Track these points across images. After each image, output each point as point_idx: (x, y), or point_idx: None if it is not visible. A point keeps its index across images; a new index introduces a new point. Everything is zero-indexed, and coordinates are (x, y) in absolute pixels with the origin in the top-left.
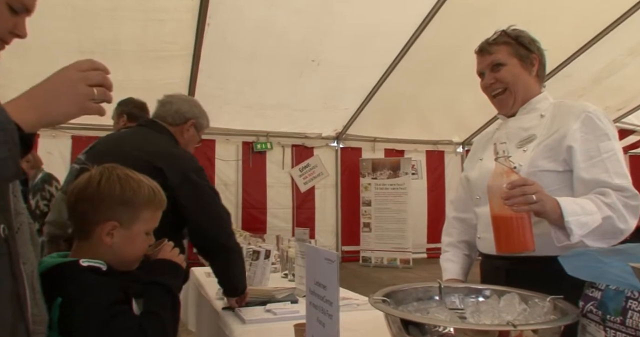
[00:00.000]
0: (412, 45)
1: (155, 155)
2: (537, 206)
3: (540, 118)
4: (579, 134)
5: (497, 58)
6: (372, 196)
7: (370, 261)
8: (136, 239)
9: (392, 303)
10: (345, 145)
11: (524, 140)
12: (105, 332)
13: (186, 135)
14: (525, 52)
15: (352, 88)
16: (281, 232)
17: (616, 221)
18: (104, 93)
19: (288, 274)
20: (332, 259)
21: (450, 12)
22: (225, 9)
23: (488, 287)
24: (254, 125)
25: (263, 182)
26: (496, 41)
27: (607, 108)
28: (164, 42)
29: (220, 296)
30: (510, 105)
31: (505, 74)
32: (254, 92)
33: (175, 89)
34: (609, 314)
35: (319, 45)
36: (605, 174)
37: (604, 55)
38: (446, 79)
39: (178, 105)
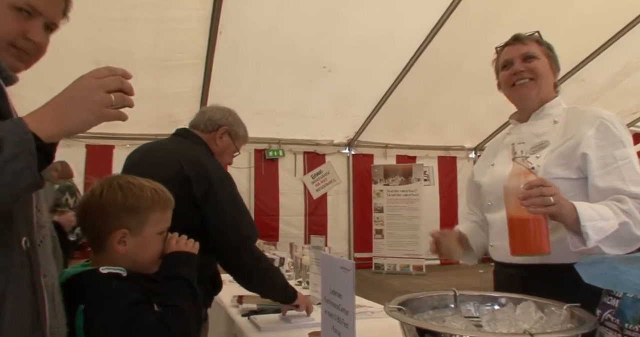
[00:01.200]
0: (423, 51)
1: (185, 163)
2: (554, 208)
3: (553, 124)
4: (593, 141)
5: (532, 50)
6: (384, 202)
7: (383, 267)
8: (149, 242)
9: (408, 311)
10: (356, 151)
11: (537, 146)
12: (128, 332)
13: (220, 144)
14: (554, 56)
15: (363, 94)
16: (294, 240)
17: (633, 228)
18: (122, 98)
19: (302, 281)
20: (348, 267)
21: (461, 18)
22: (237, 17)
23: (504, 295)
24: (265, 132)
25: (275, 189)
26: (530, 37)
27: (622, 112)
28: (176, 51)
29: (235, 303)
30: (532, 96)
31: (539, 65)
32: (265, 99)
33: (187, 98)
34: (627, 322)
35: (330, 51)
36: (620, 182)
37: (618, 59)
38: (457, 85)
39: (211, 113)
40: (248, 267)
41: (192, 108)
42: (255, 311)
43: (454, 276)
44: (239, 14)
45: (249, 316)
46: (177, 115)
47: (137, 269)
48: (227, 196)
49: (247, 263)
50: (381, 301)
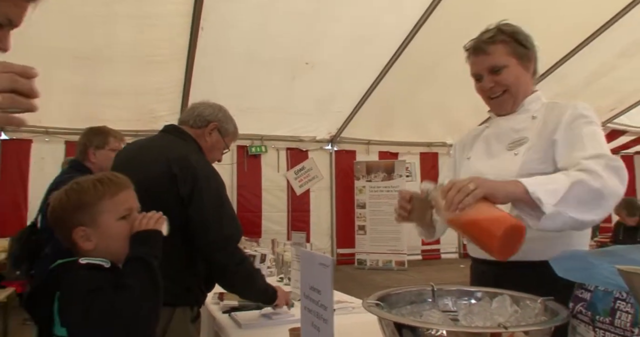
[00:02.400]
0: (405, 48)
1: (173, 162)
2: (479, 191)
3: (532, 120)
4: (563, 126)
5: (497, 61)
6: (366, 198)
7: (366, 263)
8: (112, 230)
9: (386, 306)
10: (339, 148)
11: (515, 142)
12: (88, 318)
13: (209, 140)
14: (522, 49)
15: (346, 91)
16: (276, 236)
17: (591, 182)
18: (12, 100)
19: (284, 277)
20: (327, 263)
21: (443, 15)
22: (219, 13)
23: (480, 290)
24: (248, 128)
25: (258, 185)
26: (492, 40)
27: (598, 109)
28: (158, 46)
29: (216, 300)
30: (509, 106)
31: (507, 76)
32: (248, 95)
33: (169, 93)
34: (599, 314)
35: (313, 48)
36: (582, 152)
37: (596, 58)
38: (439, 82)
39: (201, 109)
40: (230, 268)
41: (174, 104)
42: (236, 308)
43: (436, 271)
44: (221, 9)
45: (230, 313)
46: (158, 111)
47: (118, 259)
48: (213, 196)
49: (229, 264)
50: (363, 296)
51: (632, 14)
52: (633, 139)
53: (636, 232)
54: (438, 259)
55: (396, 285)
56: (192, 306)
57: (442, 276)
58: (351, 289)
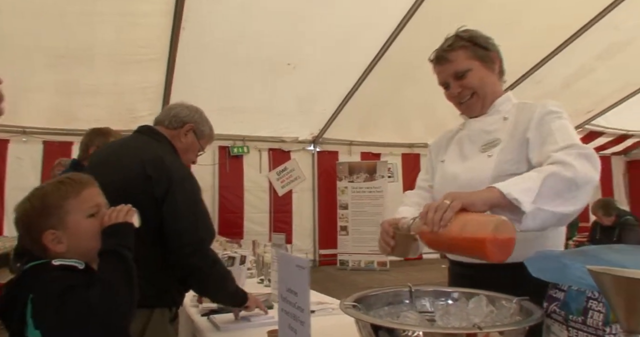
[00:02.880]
0: (387, 49)
1: (148, 163)
2: (456, 203)
3: (503, 121)
4: (534, 124)
5: (459, 66)
6: (348, 199)
7: (348, 264)
8: (82, 228)
9: (363, 308)
10: (321, 148)
11: (488, 144)
12: (62, 318)
13: (184, 141)
14: (483, 51)
15: (328, 92)
16: (258, 237)
17: (563, 172)
18: None
19: (264, 279)
20: (303, 265)
21: (425, 16)
22: (200, 13)
23: (457, 290)
24: (230, 129)
25: (240, 186)
26: (452, 47)
27: (576, 111)
28: (139, 46)
29: (194, 303)
30: (479, 108)
31: (472, 79)
32: (230, 95)
33: (150, 93)
34: (572, 314)
35: (295, 49)
36: (553, 146)
37: (573, 60)
38: (421, 82)
39: (177, 110)
40: (203, 270)
41: (154, 104)
42: (215, 311)
43: (417, 271)
44: (202, 9)
45: (209, 316)
46: (139, 111)
47: (92, 258)
48: (187, 197)
49: (202, 266)
50: (344, 297)
51: (609, 17)
52: (610, 140)
53: (612, 231)
54: (420, 260)
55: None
56: (170, 307)
57: (423, 276)
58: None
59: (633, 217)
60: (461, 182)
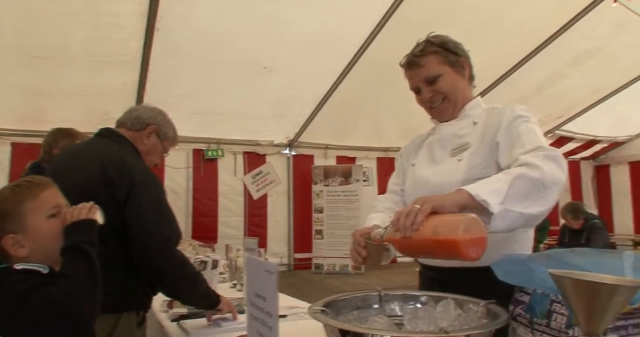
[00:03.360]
0: (363, 53)
1: (108, 165)
2: (426, 206)
3: (473, 125)
4: (503, 128)
5: (431, 71)
6: (324, 202)
7: (323, 267)
8: (43, 229)
9: (332, 313)
10: (297, 152)
11: (458, 148)
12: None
13: (147, 143)
14: (454, 57)
15: (304, 95)
16: (232, 241)
17: (530, 173)
18: None
19: (237, 283)
20: (272, 270)
21: (401, 21)
22: (175, 14)
23: (425, 294)
24: (204, 132)
25: (215, 189)
26: (423, 52)
27: (548, 116)
28: (113, 47)
29: (164, 308)
30: (449, 113)
31: (443, 84)
32: (204, 98)
33: (123, 95)
34: (536, 317)
35: (271, 52)
36: (521, 149)
37: (546, 65)
38: (397, 87)
39: (140, 112)
40: (169, 272)
41: (128, 106)
42: (185, 316)
43: (391, 275)
44: (177, 11)
45: (179, 321)
46: (113, 112)
47: (57, 261)
48: (150, 198)
49: (168, 267)
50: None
51: (579, 25)
52: (579, 145)
53: (581, 234)
54: (394, 263)
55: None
56: (137, 310)
57: (397, 279)
58: (308, 294)
59: (600, 220)
60: (432, 186)
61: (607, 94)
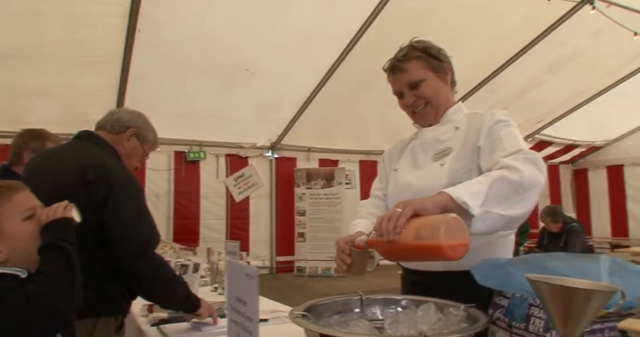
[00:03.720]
0: (346, 56)
1: (87, 167)
2: (408, 209)
3: (455, 130)
4: (484, 132)
5: (414, 76)
6: (306, 205)
7: (305, 270)
8: (19, 232)
9: (313, 317)
10: (279, 155)
11: (441, 152)
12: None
13: (127, 146)
14: (437, 62)
15: (287, 98)
16: (214, 244)
17: (510, 176)
18: None
19: (218, 287)
20: (253, 275)
21: (384, 25)
22: (157, 15)
23: (406, 298)
24: (186, 134)
25: (197, 192)
26: (407, 57)
27: (528, 121)
28: (91, 47)
29: (144, 312)
30: (432, 118)
31: (426, 89)
32: (186, 100)
33: (103, 97)
34: (515, 320)
35: (254, 54)
36: (501, 152)
37: (526, 71)
38: (379, 90)
39: (120, 115)
40: (148, 276)
41: (108, 107)
42: (165, 320)
43: (374, 278)
44: (159, 12)
45: (158, 326)
46: (92, 114)
47: (35, 264)
48: (128, 201)
49: (147, 271)
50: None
51: (558, 31)
52: (558, 149)
53: (559, 237)
54: (377, 266)
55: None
56: (116, 315)
57: (380, 282)
58: (290, 297)
59: (578, 224)
60: (415, 190)
61: (585, 100)
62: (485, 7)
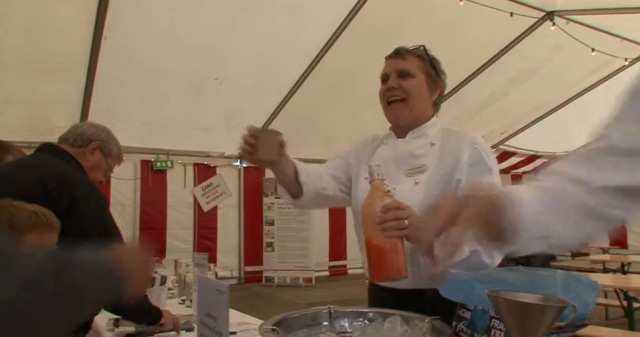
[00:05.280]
0: (316, 65)
1: (48, 179)
2: (407, 231)
3: (430, 146)
4: (466, 167)
5: (409, 67)
6: (275, 215)
7: (273, 280)
8: None
9: (282, 331)
10: (248, 164)
11: (415, 169)
12: None
13: (90, 159)
14: (433, 73)
15: (256, 107)
16: (182, 254)
17: (483, 256)
18: None
19: (185, 300)
20: (223, 290)
21: (353, 34)
22: (124, 23)
23: (373, 310)
24: (153, 143)
25: (163, 201)
26: (413, 51)
27: (492, 131)
28: (55, 54)
29: (110, 326)
30: (404, 116)
31: (411, 84)
32: (154, 108)
33: (68, 104)
34: (477, 332)
35: (222, 63)
36: None
37: (490, 83)
38: (348, 99)
39: (84, 128)
40: None
41: (73, 115)
42: (132, 334)
43: (342, 287)
44: (126, 20)
45: None
46: (55, 121)
47: None
48: (92, 212)
49: None
50: (271, 315)
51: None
52: (521, 160)
53: None
54: (345, 275)
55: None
56: (77, 332)
57: (348, 291)
58: (259, 307)
59: None
60: None
61: (547, 112)
62: (452, 21)
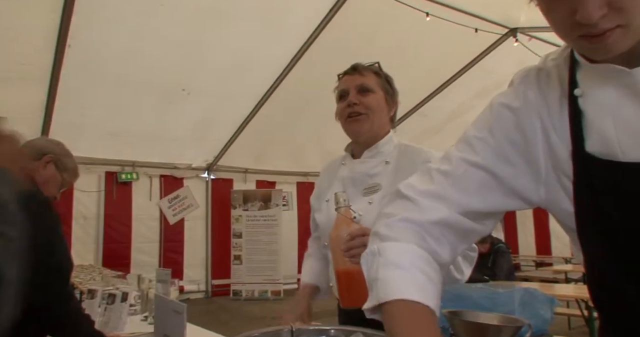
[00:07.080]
0: (284, 77)
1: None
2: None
3: (385, 165)
4: None
5: (368, 82)
6: (243, 227)
7: (241, 294)
8: None
9: None
10: (216, 176)
11: (370, 188)
12: None
13: (43, 173)
14: (390, 89)
15: (224, 119)
16: (147, 268)
17: (453, 272)
18: None
19: (148, 316)
20: (180, 311)
21: (320, 48)
22: (89, 32)
23: (335, 328)
24: (118, 154)
25: (128, 214)
26: (370, 68)
27: None
28: (15, 62)
29: None
30: (365, 130)
31: (372, 100)
32: (119, 119)
33: (29, 114)
34: None
35: (190, 75)
36: None
37: (456, 97)
38: (317, 112)
39: (36, 142)
40: (53, 307)
41: (34, 125)
42: None
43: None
44: (92, 28)
45: None
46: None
47: None
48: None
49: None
50: (238, 328)
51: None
52: None
53: (487, 258)
54: None
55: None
56: None
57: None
58: (227, 321)
59: (504, 244)
60: None
61: None
62: (419, 37)
